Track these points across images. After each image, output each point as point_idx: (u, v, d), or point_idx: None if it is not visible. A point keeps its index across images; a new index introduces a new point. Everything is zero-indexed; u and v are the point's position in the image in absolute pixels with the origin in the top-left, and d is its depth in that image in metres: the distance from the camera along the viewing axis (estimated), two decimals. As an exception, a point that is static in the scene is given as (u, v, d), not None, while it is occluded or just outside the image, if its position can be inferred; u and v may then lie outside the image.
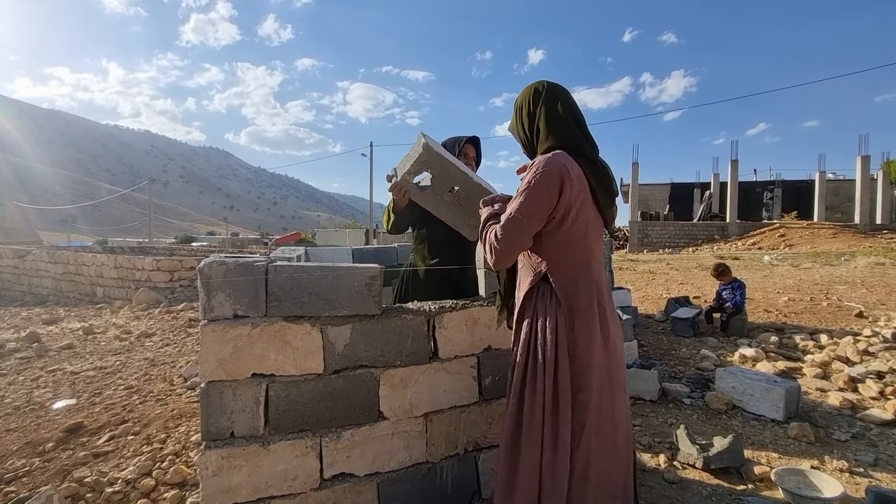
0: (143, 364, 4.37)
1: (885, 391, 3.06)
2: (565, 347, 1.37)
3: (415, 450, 1.79)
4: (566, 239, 1.39)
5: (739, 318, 4.90)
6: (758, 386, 2.93)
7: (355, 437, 1.69)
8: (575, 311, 1.37)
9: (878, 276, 8.60)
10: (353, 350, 1.68)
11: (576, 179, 1.35)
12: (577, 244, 1.41)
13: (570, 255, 1.41)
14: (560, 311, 1.38)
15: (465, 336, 1.86)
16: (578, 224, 1.38)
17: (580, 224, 1.39)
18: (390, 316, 1.73)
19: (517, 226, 1.36)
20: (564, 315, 1.37)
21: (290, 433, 1.62)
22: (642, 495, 2.13)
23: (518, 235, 1.38)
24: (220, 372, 1.54)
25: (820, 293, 7.01)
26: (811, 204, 25.53)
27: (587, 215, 1.40)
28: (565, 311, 1.38)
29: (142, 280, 8.78)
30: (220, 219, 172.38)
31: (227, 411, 1.55)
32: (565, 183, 1.32)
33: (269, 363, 1.58)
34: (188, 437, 2.70)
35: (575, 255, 1.41)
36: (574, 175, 1.34)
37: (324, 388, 1.65)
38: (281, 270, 1.57)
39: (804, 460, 2.40)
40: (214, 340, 1.53)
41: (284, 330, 1.59)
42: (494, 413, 1.92)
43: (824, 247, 15.43)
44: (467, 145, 2.41)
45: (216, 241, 43.21)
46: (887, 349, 3.89)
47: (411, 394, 1.77)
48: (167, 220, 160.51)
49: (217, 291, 1.52)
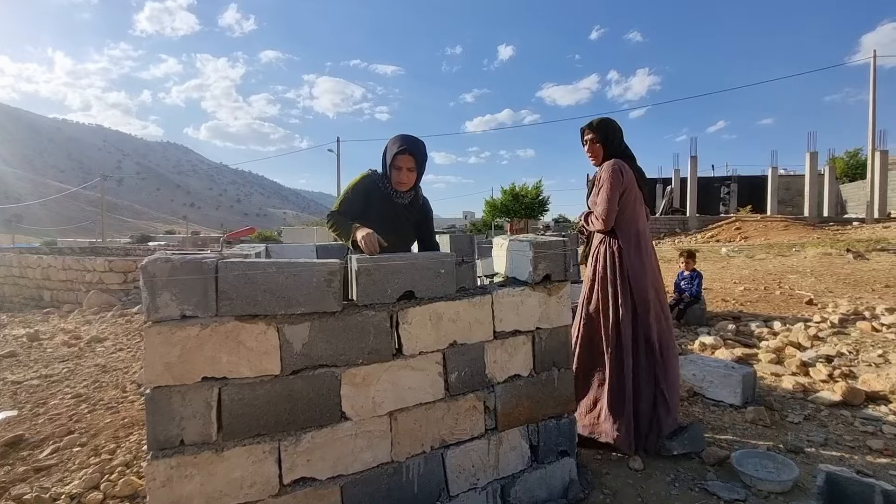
0: (93, 371, 4.13)
1: (834, 374, 3.22)
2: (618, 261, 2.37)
3: (379, 450, 1.74)
4: (623, 206, 2.38)
5: (698, 307, 5.07)
6: (716, 373, 3.02)
7: (316, 440, 1.63)
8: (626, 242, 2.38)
9: (825, 265, 9.08)
10: (312, 349, 1.61)
11: (627, 173, 2.37)
12: (628, 209, 2.39)
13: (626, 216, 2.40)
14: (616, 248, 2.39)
15: (429, 332, 1.81)
16: (629, 196, 2.38)
17: (631, 196, 2.39)
18: (351, 312, 1.67)
19: (610, 200, 2.34)
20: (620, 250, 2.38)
21: (246, 438, 1.54)
22: (607, 484, 2.15)
23: (611, 205, 2.34)
24: (167, 376, 1.44)
25: (773, 282, 7.34)
26: (764, 198, 26.78)
27: (635, 192, 2.41)
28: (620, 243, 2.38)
29: (93, 282, 8.33)
30: (180, 217, 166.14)
31: (176, 418, 1.46)
32: (624, 173, 2.36)
33: (222, 365, 1.49)
34: (140, 446, 2.56)
35: (625, 216, 2.40)
36: (626, 170, 2.37)
37: (281, 390, 1.57)
38: (232, 267, 1.48)
39: (761, 443, 2.48)
40: (160, 343, 1.43)
41: (237, 330, 1.50)
42: (461, 409, 1.89)
43: (777, 239, 16.21)
44: (399, 156, 2.18)
45: (175, 240, 41.53)
46: (835, 334, 4.10)
47: (375, 392, 1.72)
48: (122, 219, 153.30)
49: (162, 291, 1.42)
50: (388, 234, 2.28)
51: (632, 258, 2.35)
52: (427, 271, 1.81)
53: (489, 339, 1.93)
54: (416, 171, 2.25)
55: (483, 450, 1.94)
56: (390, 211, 2.31)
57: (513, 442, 2.01)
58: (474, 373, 1.91)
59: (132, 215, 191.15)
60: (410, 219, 2.39)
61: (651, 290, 2.37)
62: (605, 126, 2.48)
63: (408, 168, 2.21)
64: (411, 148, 2.20)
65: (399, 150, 2.18)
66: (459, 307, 1.87)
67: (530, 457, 2.04)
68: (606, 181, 2.35)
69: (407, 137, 2.26)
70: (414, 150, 2.20)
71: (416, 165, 2.23)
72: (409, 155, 2.20)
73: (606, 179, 2.35)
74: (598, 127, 2.48)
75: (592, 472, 2.22)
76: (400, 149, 2.18)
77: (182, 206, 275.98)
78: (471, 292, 1.93)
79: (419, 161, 2.24)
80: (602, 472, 2.22)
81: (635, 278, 2.34)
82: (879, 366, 3.35)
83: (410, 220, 2.39)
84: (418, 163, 2.24)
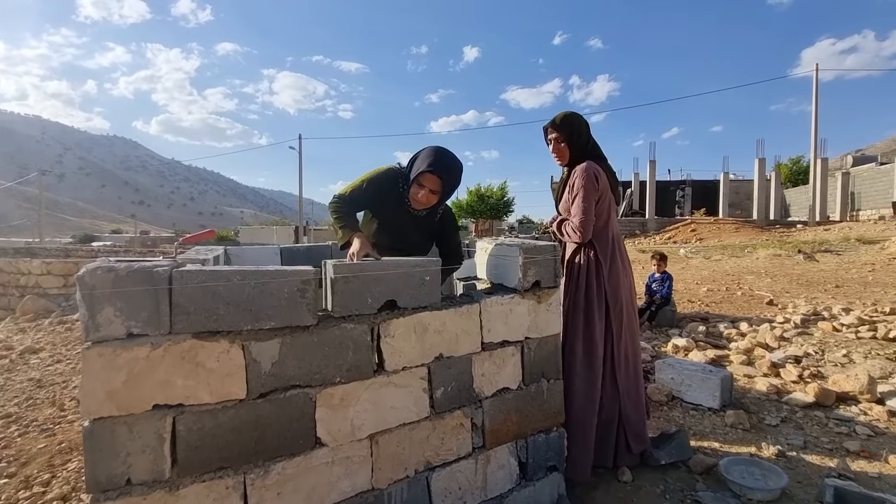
0: (26, 386, 3.71)
1: (803, 374, 3.28)
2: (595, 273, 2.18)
3: (359, 477, 1.57)
4: (599, 213, 2.18)
5: (668, 309, 5.13)
6: (695, 376, 3.01)
7: (287, 470, 1.44)
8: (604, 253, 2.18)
9: (777, 266, 9.52)
10: (283, 368, 1.42)
11: (602, 177, 2.17)
12: (603, 216, 2.20)
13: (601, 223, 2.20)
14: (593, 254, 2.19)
15: (413, 345, 1.66)
16: (605, 203, 2.19)
17: (606, 202, 2.20)
18: (328, 326, 1.49)
19: (586, 210, 2.12)
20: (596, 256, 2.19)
21: (206, 472, 1.33)
22: (597, 499, 2.07)
23: (588, 215, 2.12)
24: (109, 406, 1.22)
25: (733, 283, 7.60)
26: (717, 201, 28.07)
27: (609, 197, 2.21)
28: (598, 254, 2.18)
29: (28, 286, 7.64)
30: (128, 215, 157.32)
31: (122, 454, 1.24)
32: (599, 178, 2.15)
33: (177, 391, 1.28)
34: (80, 475, 2.26)
35: (600, 223, 2.19)
36: (600, 174, 2.17)
37: (247, 416, 1.37)
38: (189, 277, 1.28)
39: (743, 447, 2.47)
40: (102, 367, 1.21)
41: (195, 349, 1.30)
42: (447, 427, 1.74)
43: (729, 240, 16.96)
44: (426, 175, 1.90)
45: (123, 240, 39.23)
46: (799, 334, 4.22)
47: (354, 414, 1.55)
48: (63, 217, 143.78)
49: (104, 305, 1.20)
50: (397, 239, 2.09)
51: (609, 269, 2.18)
52: (410, 278, 1.65)
53: (477, 351, 1.80)
54: (439, 197, 1.98)
55: (470, 470, 1.80)
56: (404, 216, 2.06)
57: (501, 460, 1.88)
58: (461, 388, 1.77)
59: (74, 213, 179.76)
60: (425, 228, 2.13)
61: (625, 304, 2.21)
62: (570, 124, 2.20)
63: (431, 189, 1.93)
64: (441, 171, 1.90)
65: (427, 168, 1.89)
66: (446, 317, 1.72)
67: (519, 474, 1.92)
68: (581, 189, 2.10)
69: (441, 156, 1.93)
70: (444, 175, 1.92)
71: (440, 189, 1.95)
72: (437, 178, 1.91)
73: (581, 187, 2.10)
74: (562, 125, 2.20)
75: (580, 487, 2.12)
76: (428, 168, 1.89)
77: (130, 205, 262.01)
78: (457, 301, 1.79)
79: (446, 190, 1.97)
80: (591, 487, 2.13)
81: (613, 291, 2.17)
82: (845, 366, 3.45)
83: (425, 230, 2.14)
84: (444, 190, 1.96)
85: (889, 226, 14.97)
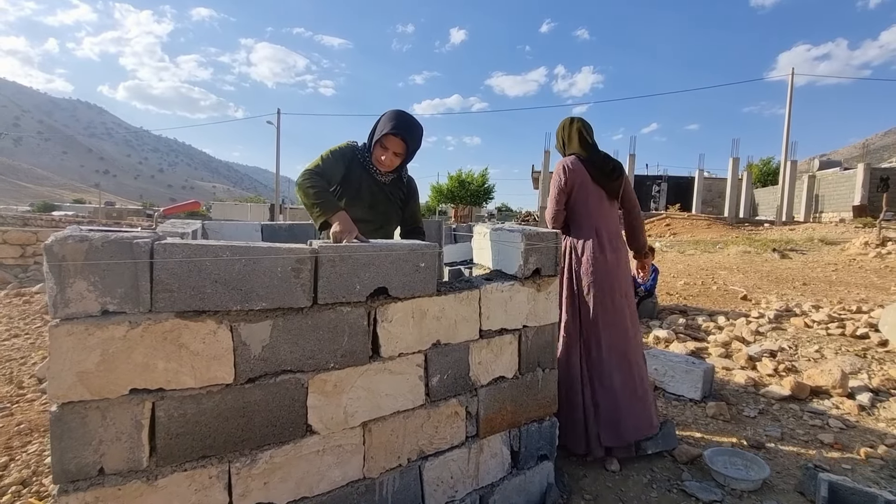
0: (-21, 362, 3.47)
1: (778, 368, 3.37)
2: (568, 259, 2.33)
3: (350, 466, 1.50)
4: (573, 203, 2.36)
5: (650, 301, 5.20)
6: (678, 368, 3.04)
7: (276, 459, 1.35)
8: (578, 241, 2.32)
9: (748, 262, 9.80)
10: (274, 352, 1.32)
11: (575, 170, 2.33)
12: (579, 206, 2.35)
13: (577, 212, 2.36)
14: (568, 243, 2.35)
15: (411, 330, 1.58)
16: (580, 195, 2.34)
17: (582, 194, 2.34)
18: (323, 308, 1.40)
19: (555, 200, 2.36)
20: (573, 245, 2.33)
21: (188, 461, 1.24)
22: (585, 487, 2.06)
23: (557, 205, 2.36)
24: (80, 389, 1.10)
25: (708, 278, 7.78)
26: (691, 198, 28.72)
27: (587, 190, 2.34)
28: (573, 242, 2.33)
29: (-18, 255, 7.18)
30: (92, 185, 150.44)
31: (93, 441, 1.13)
32: (566, 173, 2.34)
33: (157, 374, 1.17)
34: (42, 458, 2.12)
35: (576, 211, 2.36)
36: (573, 167, 2.33)
37: (234, 402, 1.28)
38: (173, 251, 1.16)
39: (724, 438, 2.51)
40: (72, 346, 1.09)
41: (179, 329, 1.19)
42: (442, 416, 1.68)
43: (702, 236, 17.41)
44: (389, 137, 1.93)
45: (86, 210, 37.48)
46: (773, 329, 4.34)
47: (347, 401, 1.46)
48: (20, 184, 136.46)
49: (75, 278, 1.08)
50: (368, 210, 2.04)
51: (582, 256, 2.27)
52: (405, 264, 1.54)
53: (475, 339, 1.73)
54: (403, 158, 2.01)
55: (463, 459, 1.75)
56: (372, 185, 2.05)
57: (494, 449, 1.84)
58: (457, 376, 1.70)
59: (32, 180, 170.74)
60: (395, 195, 2.13)
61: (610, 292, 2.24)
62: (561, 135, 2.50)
63: (394, 152, 1.96)
64: (404, 133, 1.93)
65: (391, 130, 1.91)
66: (445, 303, 1.64)
67: (510, 463, 1.89)
68: (552, 182, 2.40)
69: (403, 118, 1.96)
70: (406, 136, 1.94)
71: (404, 152, 1.98)
72: (400, 139, 1.94)
73: (552, 180, 2.41)
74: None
75: (569, 475, 2.11)
76: (392, 130, 1.91)
77: (94, 174, 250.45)
78: (457, 286, 1.71)
79: (409, 149, 1.99)
80: (580, 475, 2.12)
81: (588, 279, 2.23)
82: (817, 360, 3.56)
83: (395, 197, 2.13)
84: (408, 151, 1.99)
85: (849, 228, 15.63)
